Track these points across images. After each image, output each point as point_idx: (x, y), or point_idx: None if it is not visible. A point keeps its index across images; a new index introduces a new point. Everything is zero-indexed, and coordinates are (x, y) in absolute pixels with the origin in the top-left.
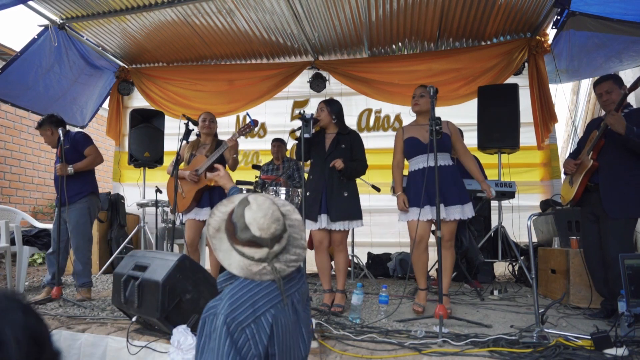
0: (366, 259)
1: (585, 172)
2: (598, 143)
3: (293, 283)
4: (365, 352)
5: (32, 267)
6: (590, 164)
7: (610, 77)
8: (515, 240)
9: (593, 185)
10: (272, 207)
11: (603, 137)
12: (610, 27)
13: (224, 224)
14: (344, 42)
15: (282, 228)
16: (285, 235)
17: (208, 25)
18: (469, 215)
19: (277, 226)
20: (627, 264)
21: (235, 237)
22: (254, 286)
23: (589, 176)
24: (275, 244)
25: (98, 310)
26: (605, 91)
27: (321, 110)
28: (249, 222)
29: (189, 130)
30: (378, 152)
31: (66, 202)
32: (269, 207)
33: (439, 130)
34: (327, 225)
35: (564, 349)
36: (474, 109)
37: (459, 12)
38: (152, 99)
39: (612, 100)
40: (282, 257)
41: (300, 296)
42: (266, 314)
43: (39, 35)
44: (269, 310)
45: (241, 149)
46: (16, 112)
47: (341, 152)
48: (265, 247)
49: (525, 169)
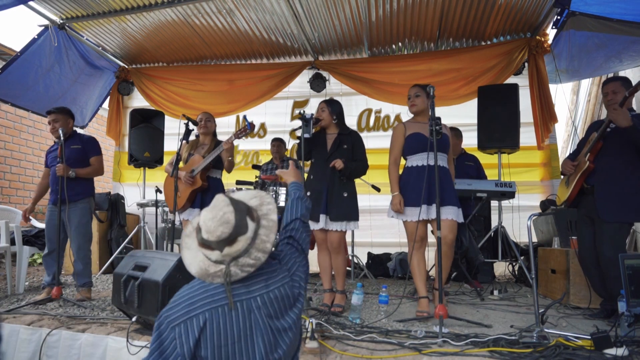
0: (366, 259)
1: (581, 173)
2: (596, 145)
3: (254, 288)
4: (365, 352)
5: (32, 267)
6: (587, 166)
7: (620, 78)
8: (515, 240)
9: (589, 188)
10: (226, 208)
11: (601, 140)
12: (610, 27)
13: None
14: (344, 42)
15: (231, 232)
16: (242, 239)
17: (208, 25)
18: (461, 219)
19: (223, 229)
20: (627, 264)
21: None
22: (200, 287)
23: (584, 178)
24: (224, 247)
25: (98, 310)
26: (612, 91)
27: (322, 111)
28: (201, 223)
29: (188, 130)
30: (378, 152)
31: (66, 201)
32: (222, 208)
33: (439, 130)
34: (324, 225)
35: (564, 349)
36: (474, 109)
37: (459, 12)
38: (152, 99)
39: (615, 101)
40: (241, 261)
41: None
42: (199, 316)
43: (39, 35)
44: (204, 312)
45: (241, 149)
46: (16, 112)
47: (343, 152)
48: (216, 249)
49: (525, 169)
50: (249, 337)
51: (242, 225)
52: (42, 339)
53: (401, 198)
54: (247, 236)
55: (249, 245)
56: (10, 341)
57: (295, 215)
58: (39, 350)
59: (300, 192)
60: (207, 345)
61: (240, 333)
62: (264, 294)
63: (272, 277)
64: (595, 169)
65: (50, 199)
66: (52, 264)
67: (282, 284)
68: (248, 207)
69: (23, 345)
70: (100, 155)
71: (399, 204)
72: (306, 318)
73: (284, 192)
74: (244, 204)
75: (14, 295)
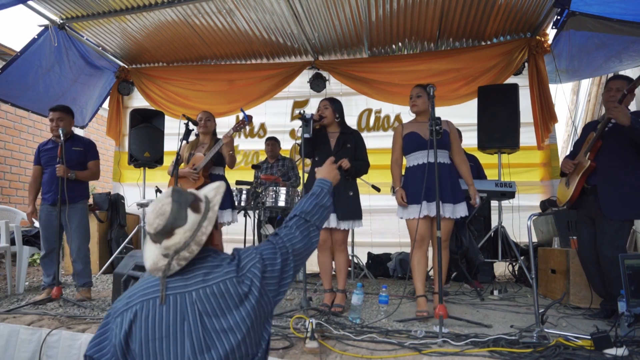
0: (366, 259)
1: (582, 173)
2: (595, 144)
3: (192, 282)
4: (365, 352)
5: (32, 267)
6: (588, 165)
7: (627, 78)
8: (515, 240)
9: (590, 188)
10: (165, 200)
11: (600, 138)
12: (610, 27)
13: None
14: (344, 42)
15: (166, 224)
16: (179, 231)
17: (208, 25)
18: (461, 214)
19: (159, 221)
20: (627, 264)
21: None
22: (144, 280)
23: (585, 177)
24: (162, 239)
25: (98, 310)
26: (617, 88)
27: (325, 108)
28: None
29: (189, 130)
30: (378, 152)
31: (67, 202)
32: (162, 200)
33: (439, 130)
34: (335, 225)
35: (564, 349)
36: (474, 109)
37: (459, 12)
38: (152, 99)
39: (616, 99)
40: (181, 254)
41: (202, 297)
42: (133, 308)
43: (39, 35)
44: (137, 304)
45: (241, 149)
46: (16, 112)
47: (347, 151)
48: (157, 242)
49: (525, 169)
50: (179, 333)
51: (180, 217)
52: (42, 339)
53: (403, 192)
54: (185, 228)
55: (190, 238)
56: (10, 341)
57: (294, 212)
58: (39, 350)
59: (319, 189)
60: (135, 338)
61: (169, 328)
62: (200, 289)
63: (214, 272)
64: (596, 167)
65: (47, 200)
66: (50, 265)
67: (223, 279)
68: (194, 199)
69: (23, 345)
70: (98, 160)
71: (401, 197)
72: (306, 318)
73: (284, 192)
74: (191, 196)
75: (14, 295)
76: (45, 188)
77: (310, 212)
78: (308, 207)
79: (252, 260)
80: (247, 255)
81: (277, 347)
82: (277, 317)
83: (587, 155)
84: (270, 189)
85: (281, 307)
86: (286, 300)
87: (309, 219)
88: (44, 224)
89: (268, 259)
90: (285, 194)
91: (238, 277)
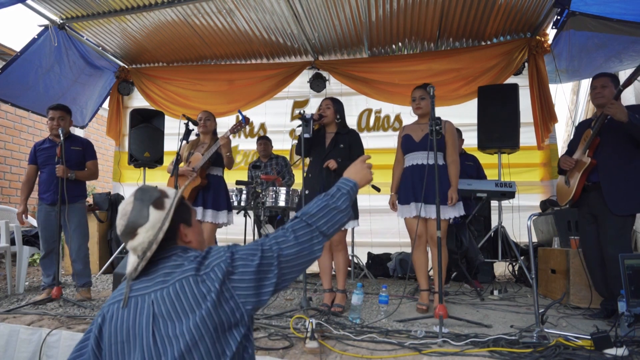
0: (366, 259)
1: (583, 170)
2: (594, 141)
3: (153, 283)
4: (365, 352)
5: (32, 267)
6: (589, 162)
7: (610, 74)
8: (515, 240)
9: (591, 185)
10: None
11: (598, 135)
12: (610, 27)
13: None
14: (344, 42)
15: (127, 223)
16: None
17: (208, 25)
18: (451, 215)
19: (122, 222)
20: (627, 264)
21: None
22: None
23: (586, 175)
24: (128, 240)
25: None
26: (601, 85)
27: (327, 108)
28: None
29: (189, 130)
30: (378, 152)
31: (66, 202)
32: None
33: (439, 130)
34: None
35: (564, 349)
36: (474, 109)
37: (459, 12)
38: (152, 99)
39: (602, 95)
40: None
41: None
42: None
43: (39, 35)
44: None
45: (241, 149)
46: (16, 112)
47: (339, 151)
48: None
49: (525, 169)
50: (137, 337)
51: (141, 216)
52: (42, 339)
53: (395, 198)
54: (147, 227)
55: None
56: (10, 341)
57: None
58: (39, 350)
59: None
60: (104, 341)
61: (129, 332)
62: (159, 290)
63: (175, 271)
64: (597, 164)
65: (46, 199)
66: (50, 265)
67: (180, 278)
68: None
69: (23, 345)
70: (96, 160)
71: (391, 203)
72: (306, 318)
73: (284, 192)
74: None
75: (14, 295)
76: (43, 188)
77: (315, 214)
78: (314, 208)
79: (218, 258)
80: (216, 252)
81: (277, 347)
82: (277, 317)
83: (586, 153)
84: (270, 188)
85: (281, 307)
86: (286, 300)
87: (312, 223)
88: (43, 224)
89: (241, 258)
90: (285, 194)
91: (197, 276)
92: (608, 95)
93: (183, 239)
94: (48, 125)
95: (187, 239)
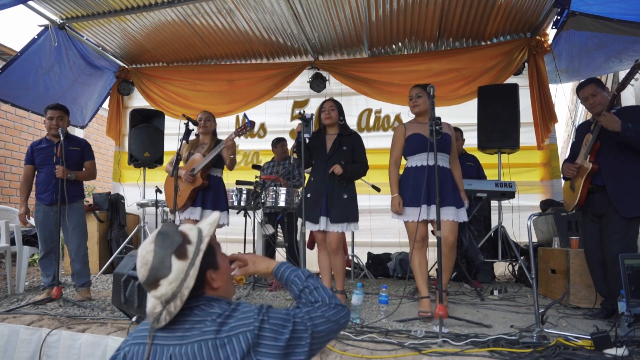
0: (366, 259)
1: (586, 175)
2: (594, 146)
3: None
4: (365, 352)
5: (32, 267)
6: (590, 167)
7: (592, 80)
8: (515, 240)
9: (595, 187)
10: (149, 247)
11: (598, 140)
12: (610, 27)
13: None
14: (344, 42)
15: (149, 274)
16: (163, 282)
17: (208, 25)
18: (462, 219)
19: (143, 272)
20: (627, 264)
21: None
22: (143, 322)
23: (590, 179)
24: (150, 290)
25: (98, 310)
26: (591, 94)
27: (332, 110)
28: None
29: (189, 130)
30: (378, 152)
31: (66, 202)
32: (146, 247)
33: (439, 130)
34: (325, 227)
35: (564, 349)
36: (474, 109)
37: (459, 12)
38: (152, 99)
39: (597, 102)
40: (170, 306)
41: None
42: (124, 350)
43: (39, 35)
44: (126, 347)
45: (241, 149)
46: (16, 112)
47: (342, 154)
48: (147, 292)
49: (525, 169)
50: None
51: (163, 267)
52: (42, 339)
53: (400, 199)
54: (170, 279)
55: (177, 289)
56: (10, 341)
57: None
58: (39, 350)
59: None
60: None
61: None
62: (177, 346)
63: (195, 328)
64: (599, 168)
65: (44, 200)
66: (49, 265)
67: (200, 339)
68: (181, 243)
69: (23, 345)
70: (94, 160)
71: (397, 205)
72: None
73: (284, 192)
74: (177, 238)
75: (14, 295)
76: (41, 188)
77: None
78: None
79: (245, 326)
80: (244, 315)
81: None
82: None
83: (587, 158)
84: (271, 188)
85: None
86: (286, 300)
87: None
88: (42, 224)
89: (270, 330)
90: (286, 194)
91: (217, 339)
92: (602, 101)
93: (211, 285)
94: (46, 125)
95: (216, 284)
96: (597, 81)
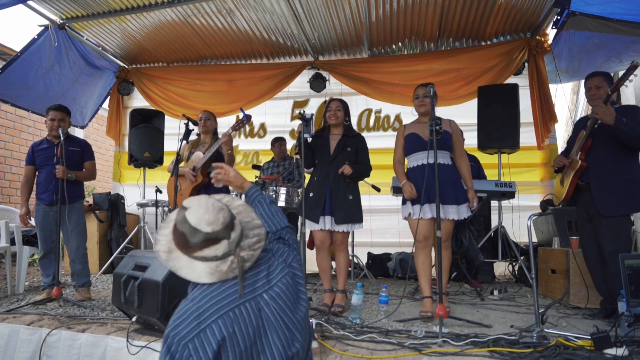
0: (366, 259)
1: (574, 172)
2: (585, 143)
3: (258, 285)
4: (365, 352)
5: (32, 267)
6: (579, 165)
7: (602, 73)
8: (515, 240)
9: (584, 185)
10: (211, 199)
11: (590, 137)
12: (610, 27)
13: (172, 242)
14: (344, 42)
15: (230, 214)
16: (236, 222)
17: (208, 25)
18: (464, 215)
19: (224, 214)
20: (627, 264)
21: (189, 246)
22: (202, 297)
23: (578, 176)
24: (231, 232)
25: (98, 310)
26: (595, 86)
27: (338, 110)
28: (195, 223)
29: (189, 130)
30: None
31: (66, 202)
32: (207, 200)
33: (439, 130)
34: (330, 227)
35: (564, 349)
36: (474, 109)
37: (459, 12)
38: (152, 99)
39: (598, 95)
40: (244, 243)
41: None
42: (212, 325)
43: (39, 35)
44: (216, 320)
45: (241, 149)
46: (16, 112)
47: (347, 155)
48: (223, 238)
49: (525, 169)
50: (264, 336)
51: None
52: (42, 339)
53: (411, 184)
54: (238, 219)
55: (242, 227)
56: (10, 341)
57: (285, 223)
58: (39, 350)
59: (266, 196)
60: (227, 354)
61: (255, 333)
62: (268, 290)
63: (272, 272)
64: (588, 166)
65: (44, 200)
66: (49, 265)
67: (283, 274)
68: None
69: (23, 345)
70: (94, 160)
71: (410, 188)
72: None
73: (284, 192)
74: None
75: (14, 295)
76: (41, 188)
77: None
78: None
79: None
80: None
81: None
82: None
83: (578, 155)
84: (270, 188)
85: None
86: None
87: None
88: (42, 224)
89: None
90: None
91: (291, 269)
92: (603, 94)
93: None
94: (47, 126)
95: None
96: (607, 75)
